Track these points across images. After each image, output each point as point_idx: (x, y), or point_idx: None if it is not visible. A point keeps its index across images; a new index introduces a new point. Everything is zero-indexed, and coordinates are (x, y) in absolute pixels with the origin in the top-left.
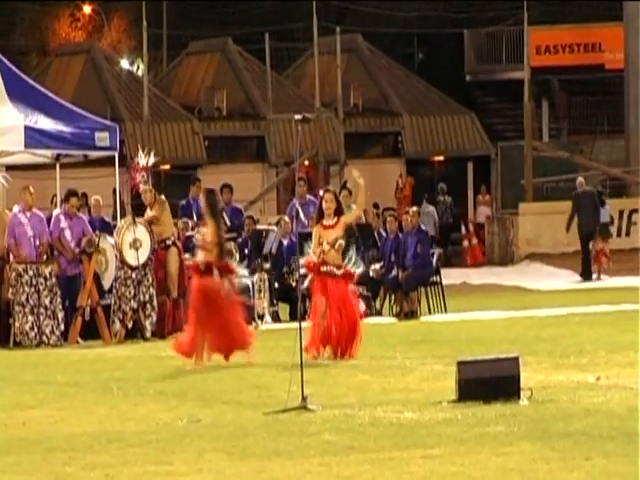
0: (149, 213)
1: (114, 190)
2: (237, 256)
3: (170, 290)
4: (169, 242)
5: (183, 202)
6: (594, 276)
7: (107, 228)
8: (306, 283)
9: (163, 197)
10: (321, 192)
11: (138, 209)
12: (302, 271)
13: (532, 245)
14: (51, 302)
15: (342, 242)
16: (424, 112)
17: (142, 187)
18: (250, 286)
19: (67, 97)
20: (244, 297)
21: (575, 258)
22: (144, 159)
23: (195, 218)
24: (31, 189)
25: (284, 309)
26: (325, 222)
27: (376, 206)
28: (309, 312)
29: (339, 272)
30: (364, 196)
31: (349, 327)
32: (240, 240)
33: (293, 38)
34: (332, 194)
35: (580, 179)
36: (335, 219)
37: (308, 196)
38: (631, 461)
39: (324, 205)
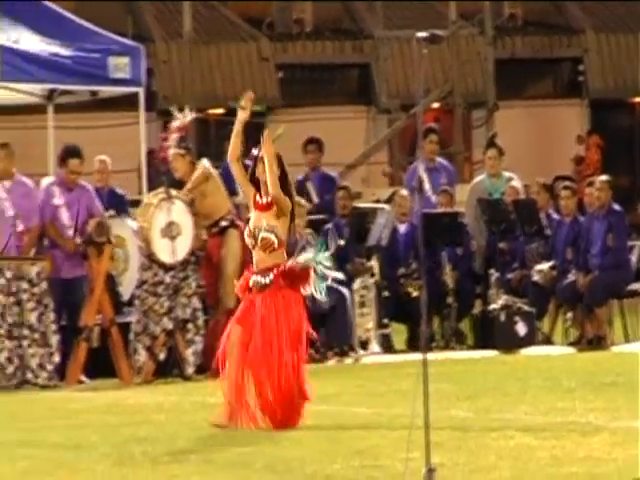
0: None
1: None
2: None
3: (224, 300)
4: (224, 223)
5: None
6: None
7: (122, 206)
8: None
9: (206, 162)
10: (254, 150)
11: (173, 178)
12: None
13: None
14: (39, 320)
15: (272, 237)
16: (620, 28)
17: (171, 152)
18: (347, 297)
19: (63, 3)
20: (338, 313)
21: None
22: (181, 119)
23: None
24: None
25: (400, 332)
26: (257, 198)
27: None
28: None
29: (265, 280)
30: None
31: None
32: (331, 225)
33: None
34: (272, 152)
35: None
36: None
37: (439, 159)
38: None
39: (258, 169)
